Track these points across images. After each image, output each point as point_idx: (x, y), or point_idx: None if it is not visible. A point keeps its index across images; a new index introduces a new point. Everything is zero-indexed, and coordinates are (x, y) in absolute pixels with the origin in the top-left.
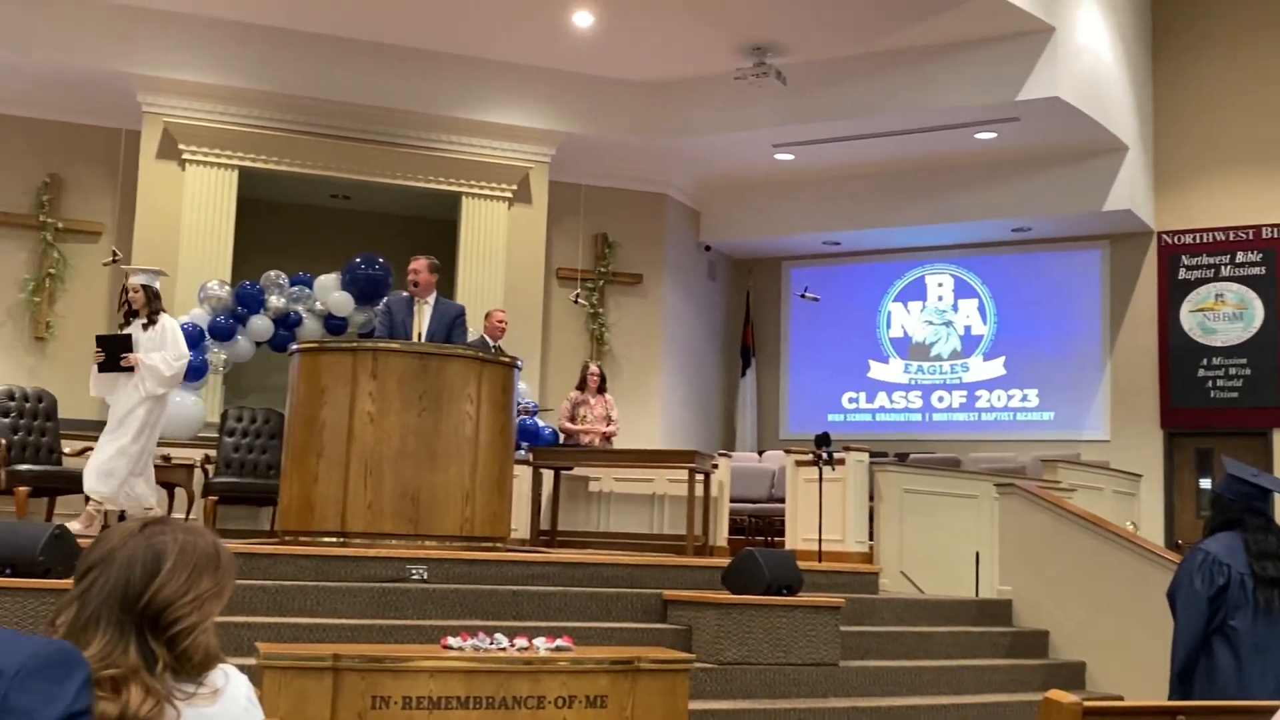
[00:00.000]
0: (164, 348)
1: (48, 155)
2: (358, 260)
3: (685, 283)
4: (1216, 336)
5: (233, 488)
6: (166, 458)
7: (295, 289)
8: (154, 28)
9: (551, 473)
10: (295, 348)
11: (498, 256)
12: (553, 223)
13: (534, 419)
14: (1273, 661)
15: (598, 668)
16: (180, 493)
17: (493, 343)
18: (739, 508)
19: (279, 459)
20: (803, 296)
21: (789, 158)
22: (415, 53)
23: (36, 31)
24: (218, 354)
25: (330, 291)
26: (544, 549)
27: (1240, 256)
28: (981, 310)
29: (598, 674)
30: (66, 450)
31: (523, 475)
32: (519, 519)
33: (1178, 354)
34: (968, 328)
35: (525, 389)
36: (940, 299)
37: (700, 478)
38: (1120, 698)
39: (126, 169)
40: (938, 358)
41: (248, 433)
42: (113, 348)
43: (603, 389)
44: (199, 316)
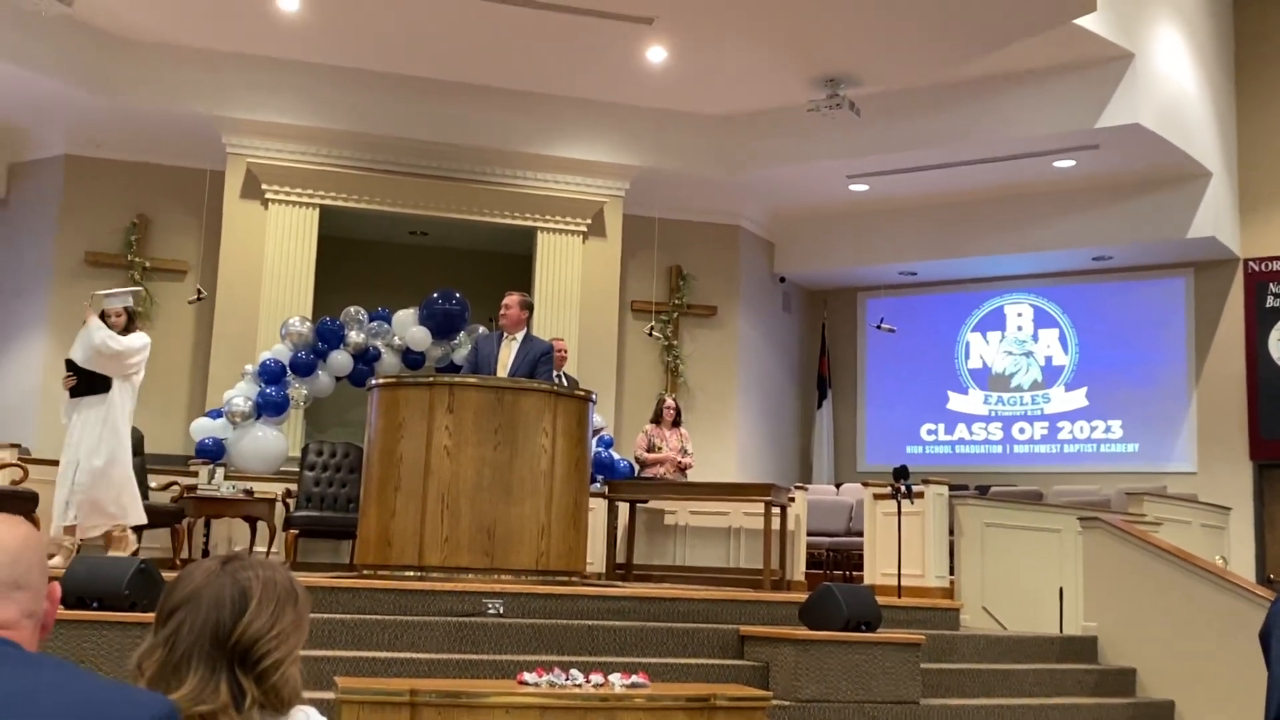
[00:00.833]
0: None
1: (136, 196)
2: (435, 296)
3: (760, 314)
4: None
5: (313, 521)
6: (249, 491)
7: (374, 324)
8: (237, 72)
9: (627, 506)
10: (374, 383)
11: (573, 290)
12: (627, 256)
13: (609, 452)
14: None
15: (674, 705)
16: (262, 526)
17: (556, 373)
18: (816, 541)
19: (358, 492)
20: (879, 328)
21: (864, 188)
22: (491, 91)
23: (125, 78)
24: (299, 389)
25: (408, 326)
26: (620, 583)
27: None
28: (1062, 340)
29: (674, 711)
30: (153, 485)
31: (598, 508)
32: (594, 552)
33: (1267, 383)
34: (1048, 358)
35: (600, 421)
36: (1020, 329)
37: (777, 511)
38: None
39: (211, 208)
40: (1018, 388)
41: (328, 466)
42: (88, 373)
43: (678, 422)
44: (281, 352)
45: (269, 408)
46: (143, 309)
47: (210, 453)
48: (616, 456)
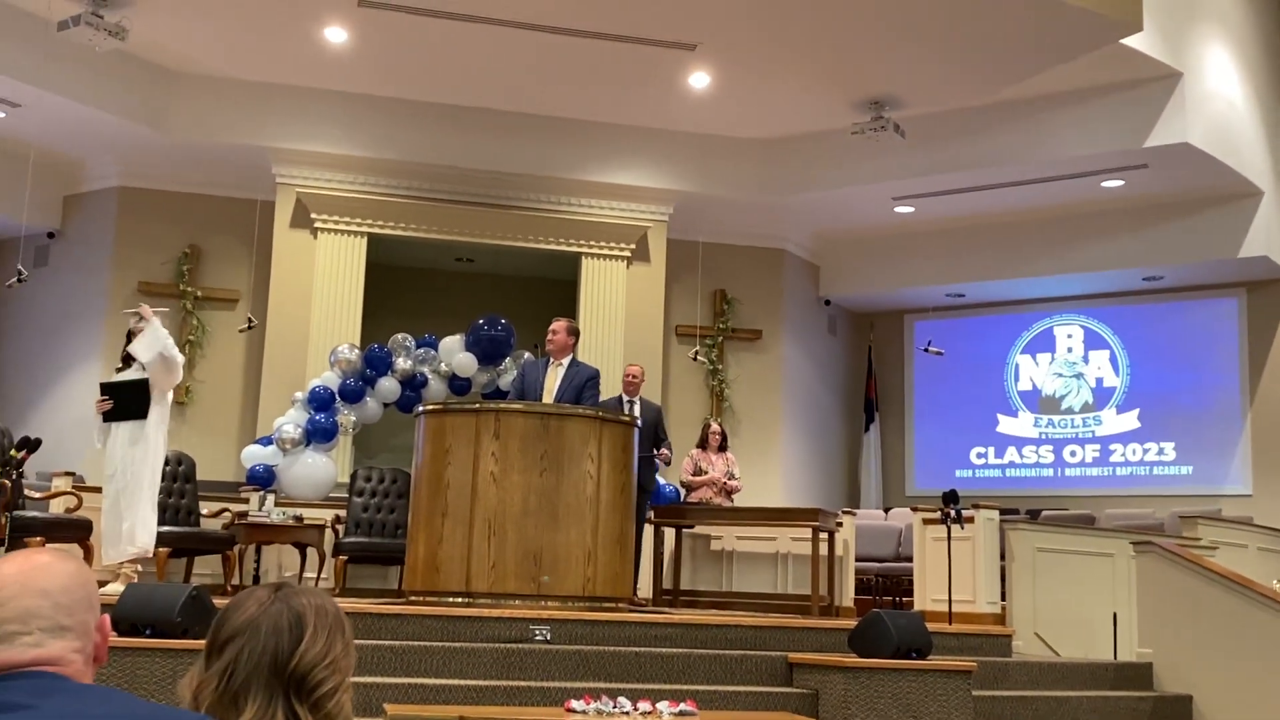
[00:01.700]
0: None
1: (188, 226)
2: (481, 322)
3: (805, 338)
4: None
5: (362, 548)
6: (299, 518)
7: (421, 351)
8: (286, 103)
9: (673, 531)
10: (421, 409)
11: (617, 315)
12: (671, 280)
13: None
14: None
15: None
16: (312, 552)
17: (628, 399)
18: (865, 567)
19: (406, 519)
20: (926, 350)
21: (909, 210)
22: (535, 118)
23: (177, 110)
24: (347, 416)
25: (455, 353)
26: (666, 609)
27: None
28: (1113, 361)
29: None
30: (204, 512)
31: (645, 534)
32: (641, 578)
33: None
34: (1099, 379)
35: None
36: (1070, 350)
37: (824, 536)
38: None
39: (261, 238)
40: (1069, 411)
41: (376, 493)
42: (123, 396)
43: (724, 447)
44: (330, 379)
45: (318, 434)
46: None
47: (261, 479)
48: (662, 482)
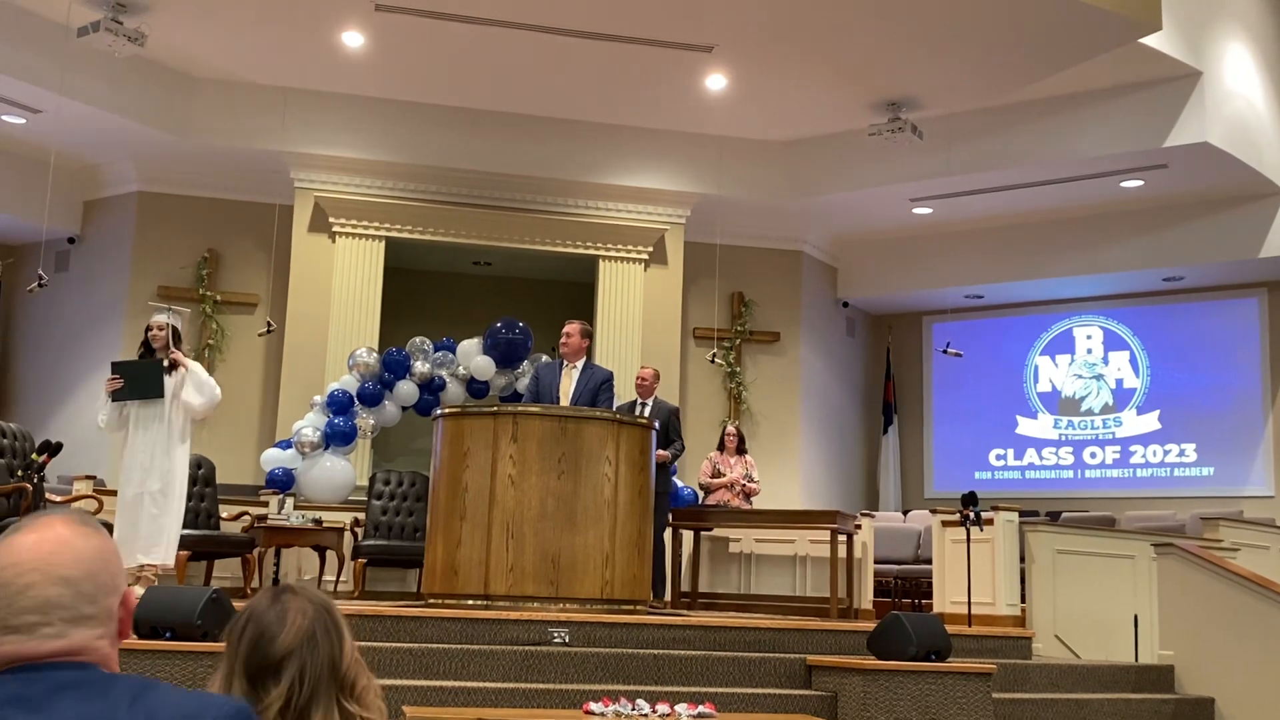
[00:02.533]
0: (186, 386)
1: (207, 231)
2: (498, 325)
3: (823, 340)
4: None
5: (381, 550)
6: (318, 521)
7: (439, 354)
8: (304, 108)
9: (692, 534)
10: (439, 412)
11: (635, 318)
12: (689, 283)
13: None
14: None
15: None
16: (331, 555)
17: (641, 401)
18: (884, 569)
19: (425, 521)
20: (944, 352)
21: (927, 211)
22: (552, 121)
23: (196, 115)
24: (366, 419)
25: (472, 356)
26: (685, 612)
27: None
28: (1133, 362)
29: None
30: (224, 515)
31: (663, 536)
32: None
33: None
34: (1119, 381)
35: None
36: (1090, 352)
37: (843, 538)
38: None
39: (280, 242)
40: (1089, 412)
41: (394, 496)
42: (133, 376)
43: (742, 449)
44: (349, 383)
45: (337, 438)
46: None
47: (280, 483)
48: (680, 484)
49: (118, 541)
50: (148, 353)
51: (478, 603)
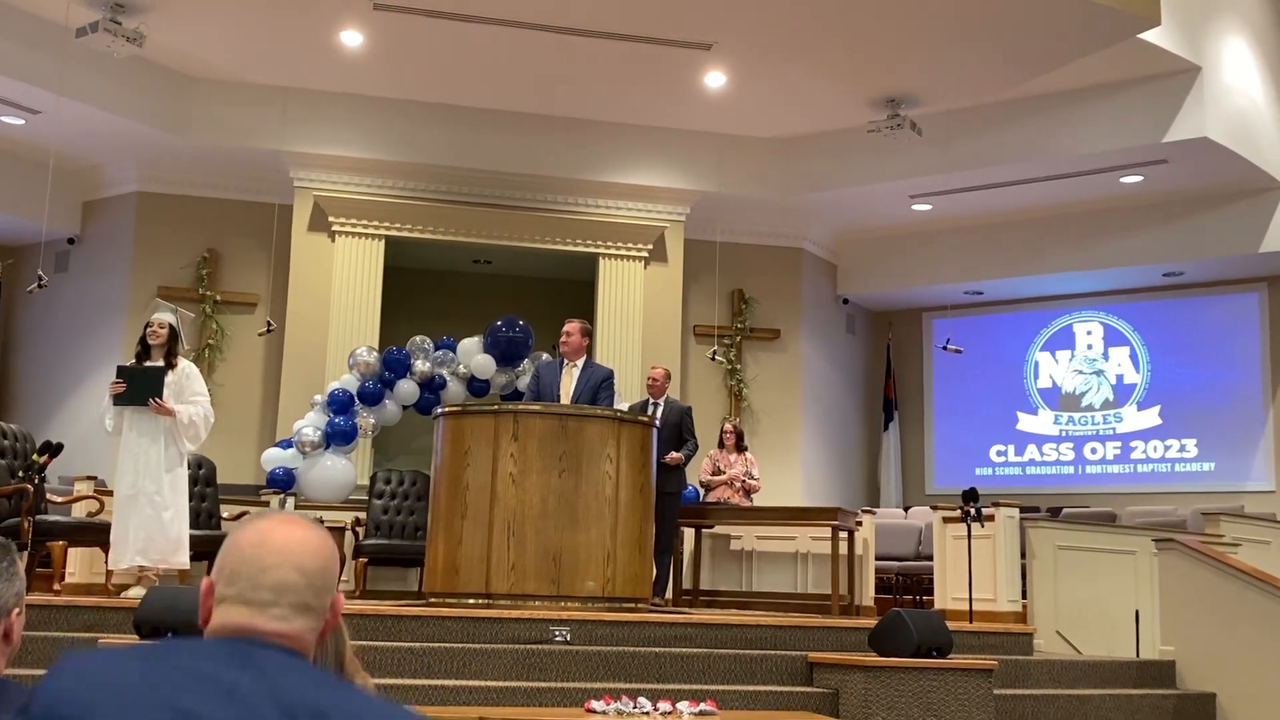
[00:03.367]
0: (184, 393)
1: (206, 231)
2: (499, 323)
3: (824, 337)
4: None
5: (382, 549)
6: (319, 520)
7: (439, 353)
8: (303, 107)
9: (693, 531)
10: (440, 411)
11: (635, 316)
12: (689, 280)
13: None
14: None
15: None
16: None
17: (652, 401)
18: (885, 566)
19: (426, 520)
20: (945, 348)
21: (927, 208)
22: (551, 119)
23: (195, 115)
24: (367, 418)
25: (473, 355)
26: (686, 610)
27: None
28: (1134, 358)
29: None
30: (225, 515)
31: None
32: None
33: None
34: (1120, 376)
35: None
36: (1090, 347)
37: (844, 535)
38: None
39: (279, 242)
40: (1089, 408)
41: (395, 495)
42: (137, 381)
43: (741, 447)
44: (349, 382)
45: (337, 437)
46: (189, 346)
47: (281, 482)
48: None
49: (112, 541)
50: (144, 350)
51: (479, 601)
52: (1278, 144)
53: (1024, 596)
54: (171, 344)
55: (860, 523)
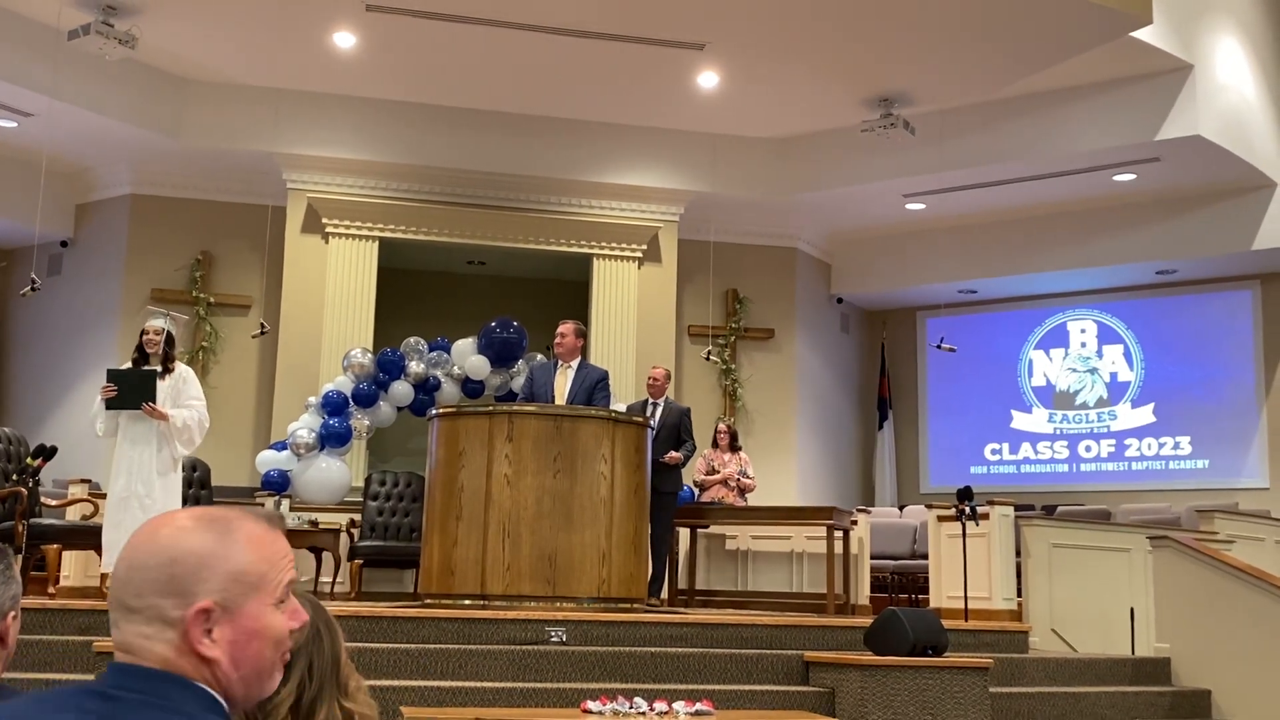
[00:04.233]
0: (180, 396)
1: (200, 233)
2: (493, 324)
3: (818, 336)
4: None
5: (377, 551)
6: (314, 522)
7: (434, 354)
8: (296, 109)
9: (688, 531)
10: (434, 412)
11: (629, 316)
12: (683, 280)
13: None
14: None
15: None
16: (327, 557)
17: (652, 401)
18: (880, 565)
19: (421, 522)
20: (938, 347)
21: (920, 207)
22: (545, 120)
23: (188, 118)
24: (361, 420)
25: (467, 356)
26: (682, 610)
27: None
28: (1127, 356)
29: None
30: None
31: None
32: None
33: None
34: (1114, 374)
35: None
36: (1084, 345)
37: (839, 534)
38: None
39: (273, 244)
40: (1083, 406)
41: (390, 496)
42: (128, 385)
43: (735, 446)
44: (343, 384)
45: (332, 439)
46: (184, 348)
47: (275, 484)
48: None
49: (105, 545)
50: (141, 357)
51: (474, 603)
52: (1270, 142)
53: (1019, 595)
54: (167, 349)
55: (855, 522)
